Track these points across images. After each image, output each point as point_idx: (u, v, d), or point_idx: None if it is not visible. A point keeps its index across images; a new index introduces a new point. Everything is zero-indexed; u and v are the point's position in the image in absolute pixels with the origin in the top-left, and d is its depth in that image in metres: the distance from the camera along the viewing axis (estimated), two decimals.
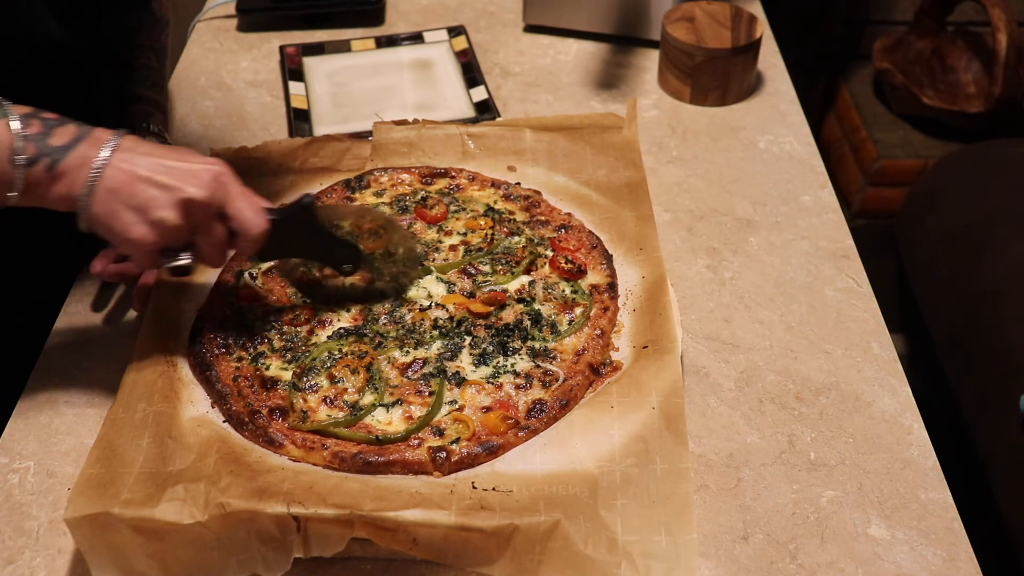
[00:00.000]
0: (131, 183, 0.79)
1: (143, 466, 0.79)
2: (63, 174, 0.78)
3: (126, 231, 0.80)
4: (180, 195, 0.80)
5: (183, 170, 0.80)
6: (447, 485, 0.79)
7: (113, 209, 0.79)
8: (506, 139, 1.15)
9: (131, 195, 0.79)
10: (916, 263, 1.84)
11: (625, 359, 0.90)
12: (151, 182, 0.79)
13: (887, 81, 2.08)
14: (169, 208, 0.79)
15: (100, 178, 0.79)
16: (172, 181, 0.79)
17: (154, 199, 0.79)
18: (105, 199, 0.79)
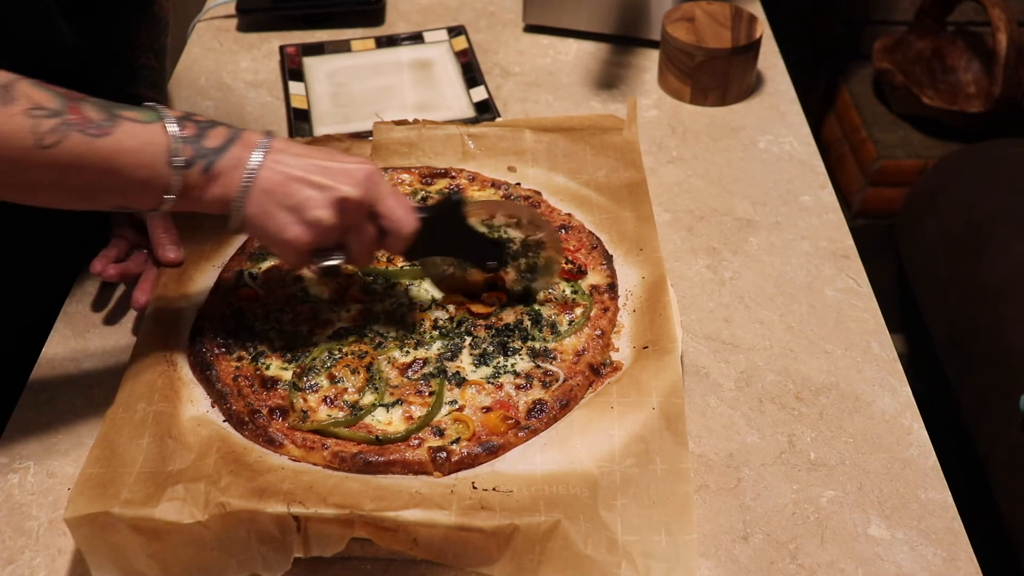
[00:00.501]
0: (286, 184, 0.79)
1: (143, 466, 0.79)
2: (218, 176, 0.78)
3: (281, 232, 0.80)
4: (335, 195, 0.79)
5: (336, 169, 0.80)
6: (447, 485, 0.79)
7: (268, 210, 0.79)
8: (506, 139, 1.15)
9: (286, 196, 0.79)
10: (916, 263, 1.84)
11: (625, 359, 0.90)
12: (306, 182, 0.79)
13: (887, 81, 2.09)
14: (324, 208, 0.79)
15: (254, 179, 0.79)
16: (327, 181, 0.79)
17: (309, 199, 0.79)
18: (260, 200, 0.79)
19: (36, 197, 0.77)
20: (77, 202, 0.79)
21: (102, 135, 0.74)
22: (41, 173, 0.73)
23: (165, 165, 0.77)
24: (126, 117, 0.76)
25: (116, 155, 0.75)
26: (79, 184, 0.75)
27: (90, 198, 0.78)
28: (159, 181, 0.77)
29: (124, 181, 0.76)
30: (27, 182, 0.74)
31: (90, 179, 0.75)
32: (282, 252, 0.83)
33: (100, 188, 0.77)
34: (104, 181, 0.76)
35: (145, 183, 0.77)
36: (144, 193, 0.78)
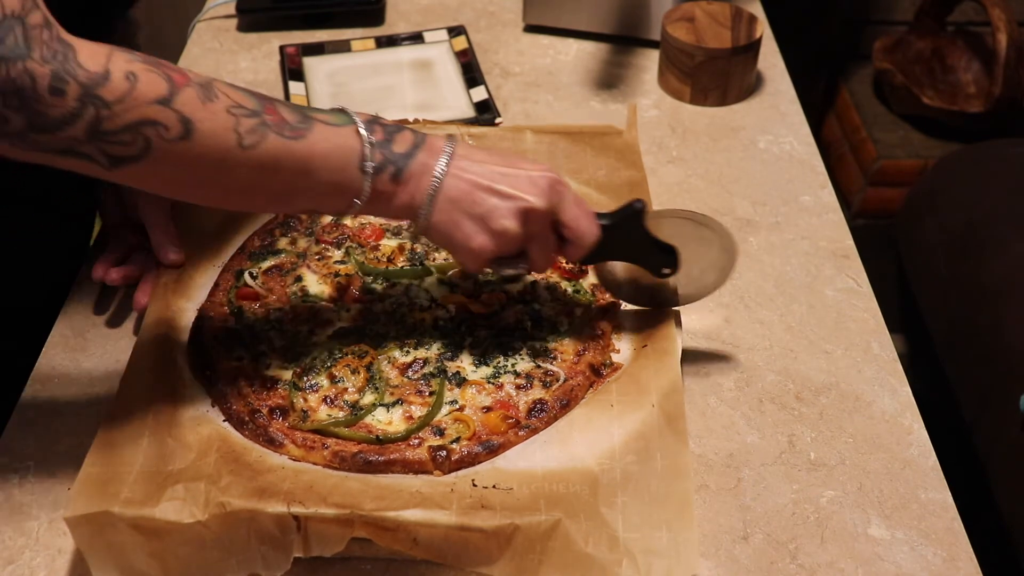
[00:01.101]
0: (472, 192, 0.78)
1: (143, 465, 0.79)
2: (407, 182, 0.78)
3: (468, 240, 0.79)
4: (521, 204, 0.79)
5: (521, 178, 0.79)
6: (447, 484, 0.79)
7: (454, 218, 0.79)
8: (507, 140, 1.15)
9: (472, 204, 0.78)
10: (916, 263, 1.84)
11: (625, 359, 0.90)
12: (491, 191, 0.79)
13: (887, 81, 2.09)
14: (510, 217, 0.79)
15: (440, 187, 0.78)
16: (512, 190, 0.79)
17: (495, 208, 0.78)
18: (446, 208, 0.79)
19: (232, 199, 0.77)
20: (270, 204, 0.81)
21: (298, 137, 0.73)
22: (242, 174, 0.73)
23: (357, 170, 0.76)
24: (319, 120, 0.76)
25: (311, 158, 0.74)
26: (275, 186, 0.75)
27: (284, 200, 0.78)
28: (351, 185, 0.77)
29: (317, 184, 0.76)
30: (228, 183, 0.74)
31: (286, 181, 0.75)
32: (465, 259, 0.82)
33: (294, 190, 0.76)
34: (299, 183, 0.75)
35: (337, 187, 0.77)
36: (336, 196, 0.78)
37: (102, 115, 0.66)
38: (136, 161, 0.69)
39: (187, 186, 0.74)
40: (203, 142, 0.70)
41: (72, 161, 0.68)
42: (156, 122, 0.68)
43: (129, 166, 0.69)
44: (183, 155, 0.70)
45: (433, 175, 0.78)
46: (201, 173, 0.72)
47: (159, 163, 0.69)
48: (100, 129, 0.66)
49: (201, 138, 0.70)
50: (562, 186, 0.81)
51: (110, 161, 0.68)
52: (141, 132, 0.67)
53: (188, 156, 0.70)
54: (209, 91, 0.71)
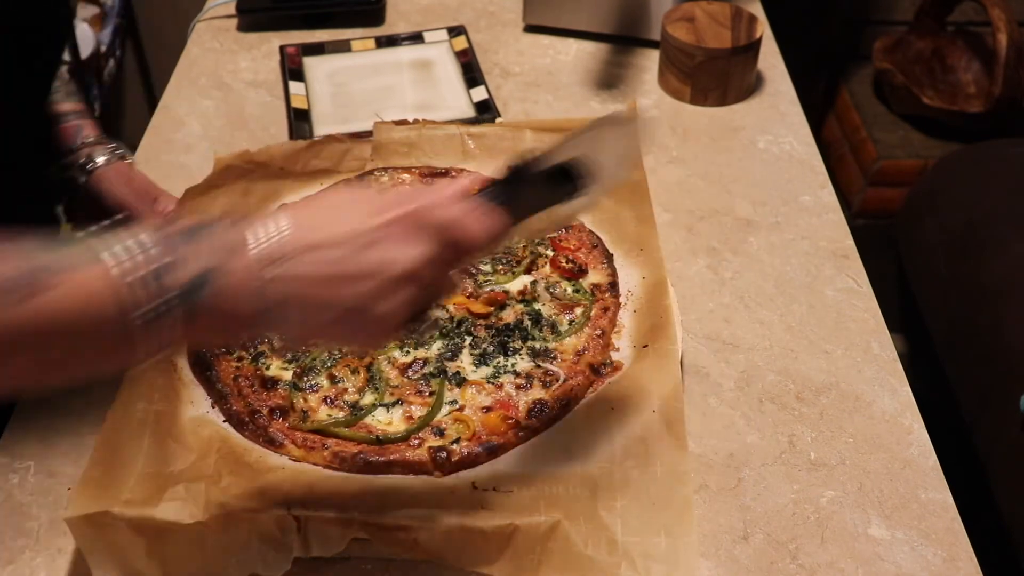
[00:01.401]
0: (317, 292, 0.59)
1: (144, 466, 0.79)
2: (218, 306, 0.57)
3: (345, 340, 0.64)
4: (393, 272, 0.60)
5: (367, 241, 0.60)
6: (447, 485, 0.79)
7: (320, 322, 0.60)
8: (506, 139, 1.15)
9: (326, 305, 0.59)
10: (916, 263, 1.84)
11: (625, 359, 0.90)
12: (341, 278, 0.59)
13: (887, 81, 2.09)
14: (392, 294, 0.60)
15: (287, 295, 0.58)
16: (367, 263, 0.59)
17: (369, 294, 0.60)
18: (302, 318, 0.59)
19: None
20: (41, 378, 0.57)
21: (46, 289, 0.53)
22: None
23: (117, 324, 0.54)
24: (54, 267, 0.54)
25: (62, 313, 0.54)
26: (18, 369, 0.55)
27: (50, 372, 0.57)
28: (122, 346, 0.56)
29: (69, 356, 0.56)
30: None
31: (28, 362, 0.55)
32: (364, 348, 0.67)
33: (49, 365, 0.56)
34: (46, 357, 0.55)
35: (102, 352, 0.57)
36: (114, 357, 0.58)
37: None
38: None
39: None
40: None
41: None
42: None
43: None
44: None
45: (262, 279, 0.57)
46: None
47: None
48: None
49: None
50: (426, 206, 0.62)
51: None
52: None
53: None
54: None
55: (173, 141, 1.26)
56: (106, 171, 0.99)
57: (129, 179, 1.00)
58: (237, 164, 1.12)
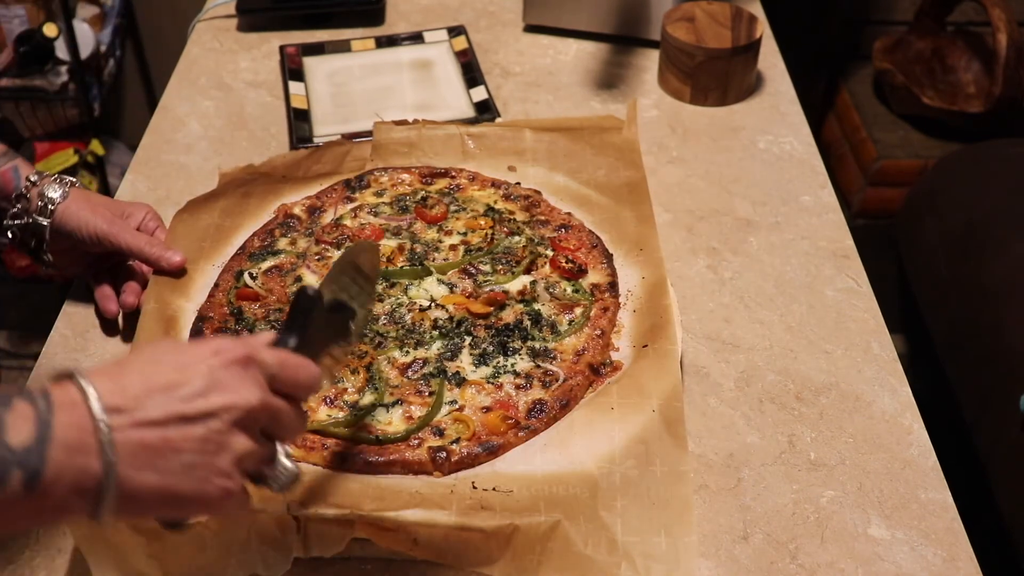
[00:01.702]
0: (163, 436, 0.55)
1: None
2: (55, 480, 0.52)
3: (202, 492, 0.57)
4: (235, 411, 0.58)
5: (205, 380, 0.58)
6: (447, 485, 0.79)
7: (167, 482, 0.56)
8: (506, 139, 1.15)
9: (174, 449, 0.56)
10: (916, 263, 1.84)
11: (625, 359, 0.90)
12: (184, 419, 0.56)
13: (887, 81, 2.09)
14: (234, 432, 0.58)
15: (116, 454, 0.54)
16: (210, 403, 0.57)
17: (208, 437, 0.57)
18: (140, 476, 0.55)
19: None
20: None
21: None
22: None
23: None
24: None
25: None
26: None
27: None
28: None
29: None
30: None
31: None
32: (218, 511, 0.61)
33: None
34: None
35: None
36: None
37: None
38: None
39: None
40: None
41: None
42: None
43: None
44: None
45: (96, 449, 0.53)
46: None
47: None
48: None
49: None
50: (252, 352, 0.61)
51: None
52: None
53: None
54: None
55: (173, 141, 1.26)
56: (67, 206, 0.94)
57: (92, 205, 0.95)
58: (240, 176, 1.13)
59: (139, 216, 1.00)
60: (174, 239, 1.01)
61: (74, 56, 2.05)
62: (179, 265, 0.98)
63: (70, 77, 2.10)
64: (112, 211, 0.97)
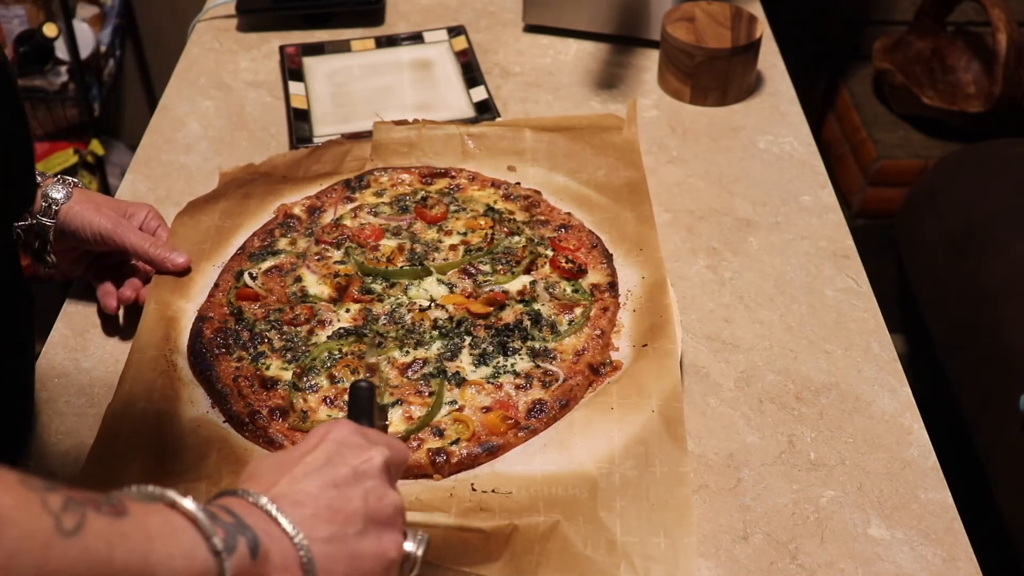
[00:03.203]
0: (333, 503, 0.60)
1: (142, 464, 0.79)
2: (266, 556, 0.56)
3: (383, 553, 0.61)
4: (375, 463, 0.62)
5: (341, 450, 0.63)
6: (446, 487, 0.79)
7: (350, 548, 0.59)
8: (506, 139, 1.15)
9: (348, 517, 0.60)
10: (916, 263, 1.84)
11: (625, 359, 0.90)
12: (343, 484, 0.61)
13: (887, 81, 2.08)
14: (383, 484, 0.62)
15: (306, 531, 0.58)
16: (354, 464, 0.62)
17: (367, 494, 0.61)
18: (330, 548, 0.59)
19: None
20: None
21: (119, 514, 0.50)
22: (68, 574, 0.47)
23: (207, 551, 0.54)
24: (124, 496, 0.53)
25: (149, 539, 0.51)
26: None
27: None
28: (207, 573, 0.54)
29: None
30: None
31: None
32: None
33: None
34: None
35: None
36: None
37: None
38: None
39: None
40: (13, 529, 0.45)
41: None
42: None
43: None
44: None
45: (287, 532, 0.57)
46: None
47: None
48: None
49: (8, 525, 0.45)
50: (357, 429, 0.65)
51: None
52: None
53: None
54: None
55: (173, 141, 1.26)
56: (70, 206, 0.94)
57: (95, 205, 0.95)
58: (240, 176, 1.13)
59: (141, 216, 1.00)
60: (175, 240, 1.01)
61: (74, 56, 2.05)
62: (182, 266, 0.98)
63: (70, 77, 2.10)
64: (115, 210, 0.97)
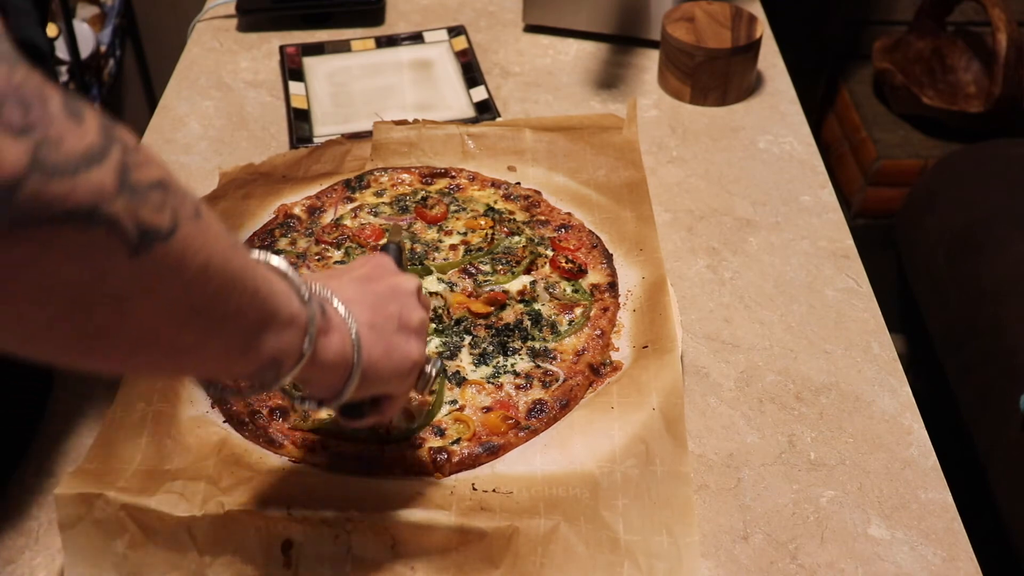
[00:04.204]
0: (375, 300, 0.66)
1: (141, 464, 0.79)
2: (329, 319, 0.61)
3: (407, 356, 0.67)
4: (407, 288, 0.69)
5: (379, 272, 0.70)
6: (447, 486, 0.79)
7: (386, 340, 0.65)
8: (506, 139, 1.15)
9: (386, 314, 0.66)
10: (916, 263, 1.84)
11: (625, 359, 0.90)
12: (373, 277, 0.68)
13: (887, 81, 2.08)
14: (416, 304, 0.69)
15: (351, 312, 0.63)
16: (389, 285, 0.69)
17: (404, 307, 0.68)
18: (372, 336, 0.64)
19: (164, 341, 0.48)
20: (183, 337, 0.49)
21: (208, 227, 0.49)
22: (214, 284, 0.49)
23: (297, 299, 0.56)
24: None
25: (243, 258, 0.51)
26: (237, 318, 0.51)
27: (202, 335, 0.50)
28: (300, 315, 0.56)
29: (259, 304, 0.53)
30: (192, 301, 0.48)
31: (249, 306, 0.52)
32: (402, 384, 0.69)
33: (223, 314, 0.51)
34: (261, 307, 0.53)
35: (286, 313, 0.55)
36: (283, 333, 0.56)
37: (129, 160, 0.44)
38: (163, 240, 0.45)
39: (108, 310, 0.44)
40: (208, 228, 0.48)
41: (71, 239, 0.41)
42: (170, 187, 0.47)
43: (154, 249, 0.44)
44: (189, 243, 0.47)
45: (332, 302, 0.62)
46: (184, 277, 0.47)
47: (174, 253, 0.46)
48: (130, 179, 0.44)
49: (208, 222, 0.49)
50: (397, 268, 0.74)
51: (138, 235, 0.43)
52: (167, 195, 0.46)
53: (192, 246, 0.47)
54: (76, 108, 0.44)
55: (173, 141, 1.26)
56: None
57: None
58: (240, 176, 1.13)
59: None
60: None
61: (74, 56, 2.05)
62: None
63: (70, 77, 2.10)
64: None
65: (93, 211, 0.41)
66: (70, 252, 0.41)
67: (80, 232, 0.40)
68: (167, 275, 0.46)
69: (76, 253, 0.41)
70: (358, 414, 0.70)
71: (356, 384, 0.63)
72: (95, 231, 0.41)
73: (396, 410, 0.73)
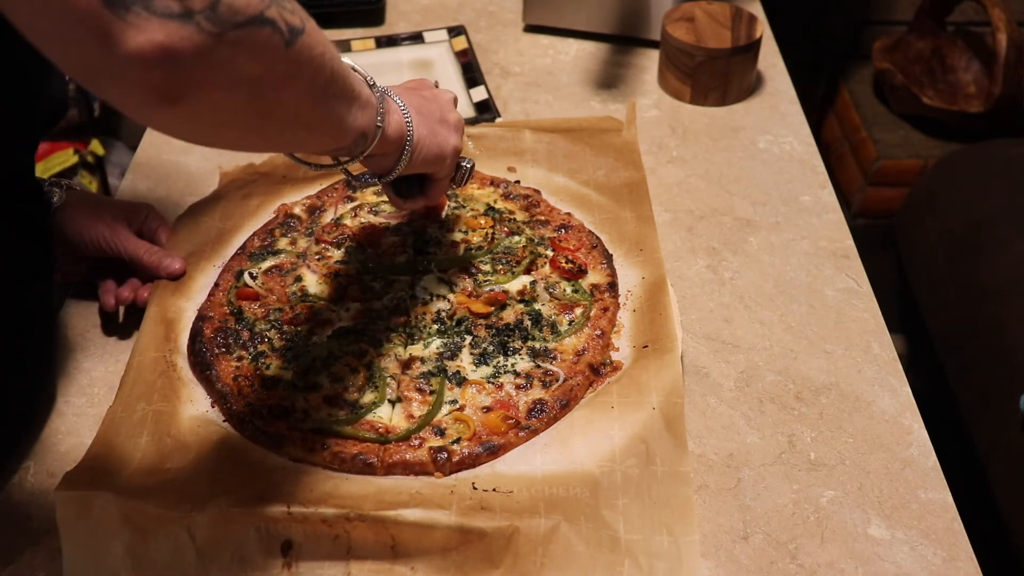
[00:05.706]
0: (420, 97, 0.84)
1: (140, 463, 0.79)
2: (387, 103, 0.78)
3: (446, 143, 0.85)
4: (446, 97, 0.89)
5: (422, 84, 0.91)
6: (447, 486, 0.79)
7: (431, 128, 0.83)
8: (506, 139, 1.15)
9: (429, 108, 0.84)
10: (916, 263, 1.84)
11: (625, 359, 0.90)
12: (422, 94, 0.86)
13: (887, 81, 2.08)
14: (452, 106, 0.88)
15: (403, 100, 0.81)
16: (432, 92, 0.88)
17: (443, 105, 0.87)
18: (420, 120, 0.82)
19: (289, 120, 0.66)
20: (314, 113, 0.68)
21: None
22: (321, 80, 0.66)
23: (364, 83, 0.75)
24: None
25: (336, 51, 0.68)
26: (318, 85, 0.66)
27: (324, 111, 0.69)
28: (372, 100, 0.75)
29: (350, 87, 0.71)
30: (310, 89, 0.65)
31: (328, 78, 0.67)
32: (443, 166, 0.86)
33: (333, 93, 0.68)
34: (345, 93, 0.70)
35: (367, 100, 0.74)
36: (365, 111, 0.74)
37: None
38: (301, 34, 0.62)
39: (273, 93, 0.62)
40: (316, 27, 0.65)
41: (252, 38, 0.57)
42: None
43: (297, 42, 0.61)
44: (315, 37, 0.64)
45: (389, 94, 0.79)
46: (315, 64, 0.65)
47: (307, 44, 0.63)
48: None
49: (314, 22, 0.64)
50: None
51: (288, 31, 0.60)
52: (293, 3, 0.62)
53: (316, 39, 0.64)
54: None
55: (173, 141, 1.25)
56: (65, 212, 0.93)
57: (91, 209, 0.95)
58: (241, 176, 1.13)
59: (141, 216, 1.00)
60: (175, 242, 1.02)
61: None
62: (178, 272, 0.98)
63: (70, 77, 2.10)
64: (112, 213, 0.97)
65: (261, 15, 0.57)
66: (251, 48, 0.57)
67: (256, 30, 0.57)
68: (306, 62, 0.63)
69: (254, 48, 0.57)
70: (408, 192, 0.88)
71: (409, 159, 0.80)
72: (264, 30, 0.58)
73: (439, 194, 0.91)
